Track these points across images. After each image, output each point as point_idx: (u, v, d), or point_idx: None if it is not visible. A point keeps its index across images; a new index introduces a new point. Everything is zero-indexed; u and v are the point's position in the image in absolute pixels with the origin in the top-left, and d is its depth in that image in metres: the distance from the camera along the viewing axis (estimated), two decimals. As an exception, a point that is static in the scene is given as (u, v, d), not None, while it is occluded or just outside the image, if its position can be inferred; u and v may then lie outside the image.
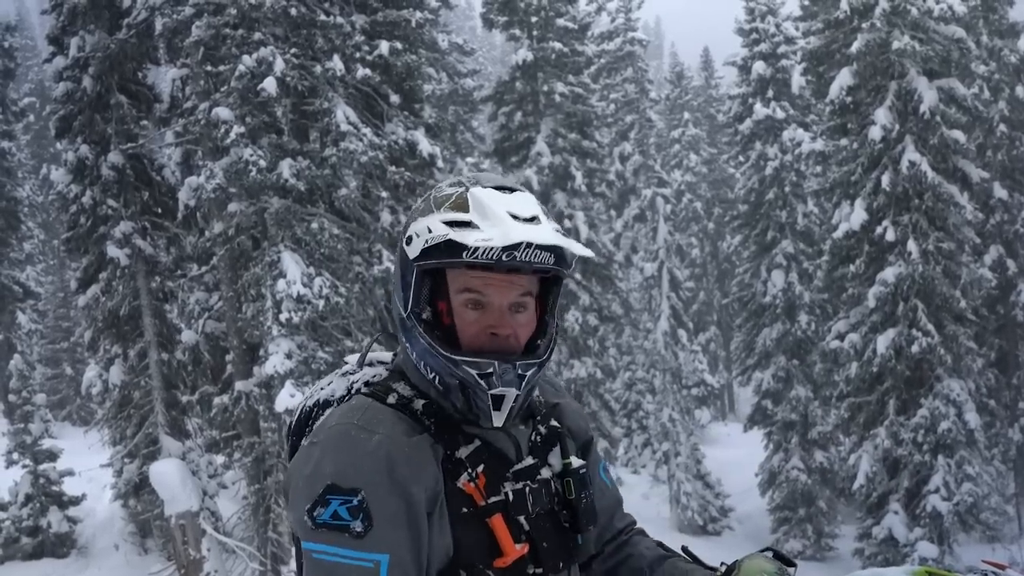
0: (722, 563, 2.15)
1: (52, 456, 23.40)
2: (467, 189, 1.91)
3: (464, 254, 1.80)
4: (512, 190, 1.93)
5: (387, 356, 2.14)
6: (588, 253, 1.95)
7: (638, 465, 34.78)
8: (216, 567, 16.99)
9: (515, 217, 1.84)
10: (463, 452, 1.89)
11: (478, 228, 1.81)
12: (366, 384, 2.02)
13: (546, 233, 1.84)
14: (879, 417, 21.72)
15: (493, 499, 1.88)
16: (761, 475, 29.55)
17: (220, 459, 19.98)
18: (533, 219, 1.87)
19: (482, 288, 1.88)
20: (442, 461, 1.87)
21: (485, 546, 1.86)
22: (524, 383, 1.89)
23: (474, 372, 1.85)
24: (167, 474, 16.66)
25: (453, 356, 1.86)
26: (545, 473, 2.01)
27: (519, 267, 1.85)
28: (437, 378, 1.90)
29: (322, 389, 2.11)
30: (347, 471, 1.78)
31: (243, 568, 17.53)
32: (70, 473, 23.61)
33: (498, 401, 1.87)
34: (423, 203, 1.95)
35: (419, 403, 1.93)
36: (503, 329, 1.89)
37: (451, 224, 1.83)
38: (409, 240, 1.89)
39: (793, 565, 2.11)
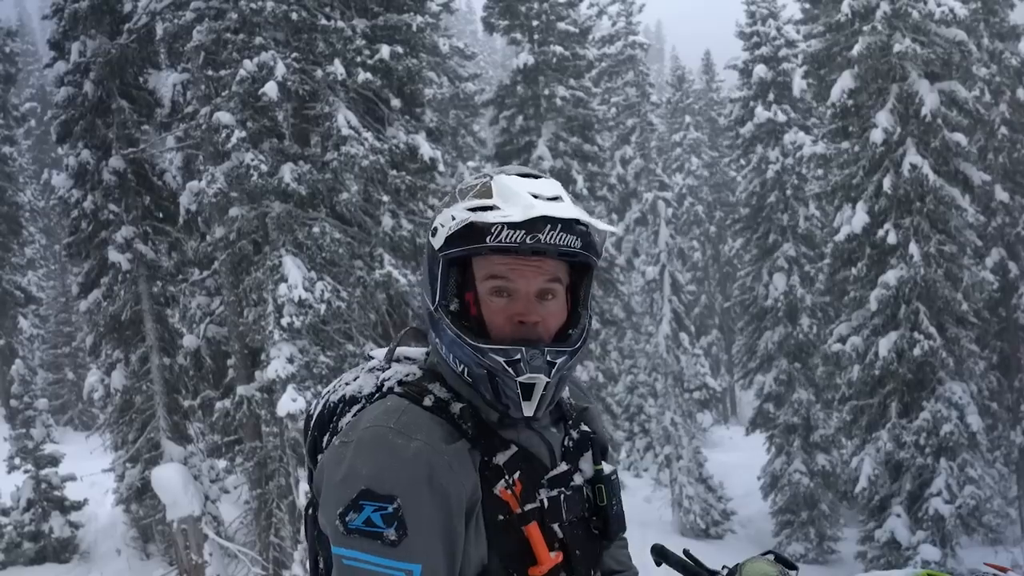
0: (724, 566, 2.15)
1: (54, 461, 23.40)
2: (491, 178, 1.89)
3: (487, 238, 1.79)
4: (536, 176, 1.92)
5: (416, 352, 2.08)
6: (612, 229, 1.94)
7: (640, 469, 34.74)
8: (218, 572, 16.98)
9: (536, 197, 1.82)
10: (500, 458, 1.85)
11: (499, 209, 1.80)
12: (399, 383, 1.94)
13: (567, 208, 1.82)
14: (881, 420, 21.71)
15: (529, 506, 1.85)
16: (763, 478, 29.53)
17: (222, 464, 19.99)
18: (555, 199, 1.85)
19: (507, 273, 1.85)
20: (479, 467, 1.83)
21: (520, 554, 1.82)
22: (554, 370, 1.85)
23: (501, 359, 1.81)
24: (169, 479, 16.65)
25: (479, 345, 1.82)
26: (577, 479, 1.98)
27: (544, 249, 1.82)
28: (466, 370, 1.85)
29: (347, 384, 2.04)
30: (383, 477, 1.73)
31: (245, 572, 17.51)
32: (72, 478, 23.60)
33: (527, 390, 1.83)
34: (448, 196, 1.94)
35: (456, 406, 1.88)
36: (530, 316, 1.85)
37: (474, 209, 1.81)
38: (434, 231, 1.87)
39: (795, 568, 2.11)
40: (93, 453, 22.84)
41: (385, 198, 16.92)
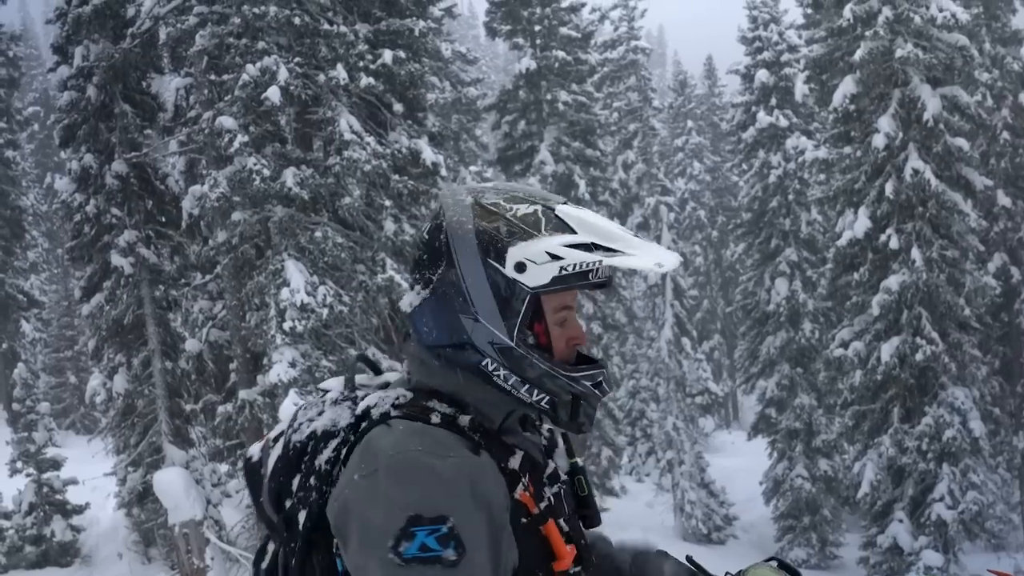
0: (727, 573, 2.15)
1: (56, 465, 23.38)
2: (549, 208, 1.86)
3: (590, 276, 1.81)
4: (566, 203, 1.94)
5: (373, 380, 2.04)
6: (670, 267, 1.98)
7: (642, 473, 34.77)
8: (220, 576, 16.97)
9: (634, 235, 1.87)
10: (513, 462, 1.85)
11: (622, 252, 1.81)
12: (394, 407, 1.86)
13: (676, 256, 1.88)
14: (883, 425, 21.70)
15: (542, 505, 1.86)
16: (765, 483, 29.52)
17: (224, 468, 19.97)
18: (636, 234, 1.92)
19: (572, 303, 1.91)
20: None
21: (542, 553, 1.83)
22: None
23: (589, 383, 1.87)
24: (171, 483, 16.62)
25: (574, 375, 1.86)
26: (563, 475, 2.00)
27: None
28: (546, 399, 1.85)
29: (312, 420, 1.92)
30: (430, 499, 1.67)
31: (247, 577, 17.51)
32: (74, 482, 23.58)
33: None
34: (502, 225, 1.84)
35: (464, 419, 1.84)
36: (584, 339, 1.94)
37: (580, 246, 1.80)
38: (521, 267, 1.80)
39: (798, 574, 2.11)
40: (95, 457, 22.82)
41: (387, 203, 16.92)
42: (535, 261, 1.79)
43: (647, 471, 34.47)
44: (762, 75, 30.14)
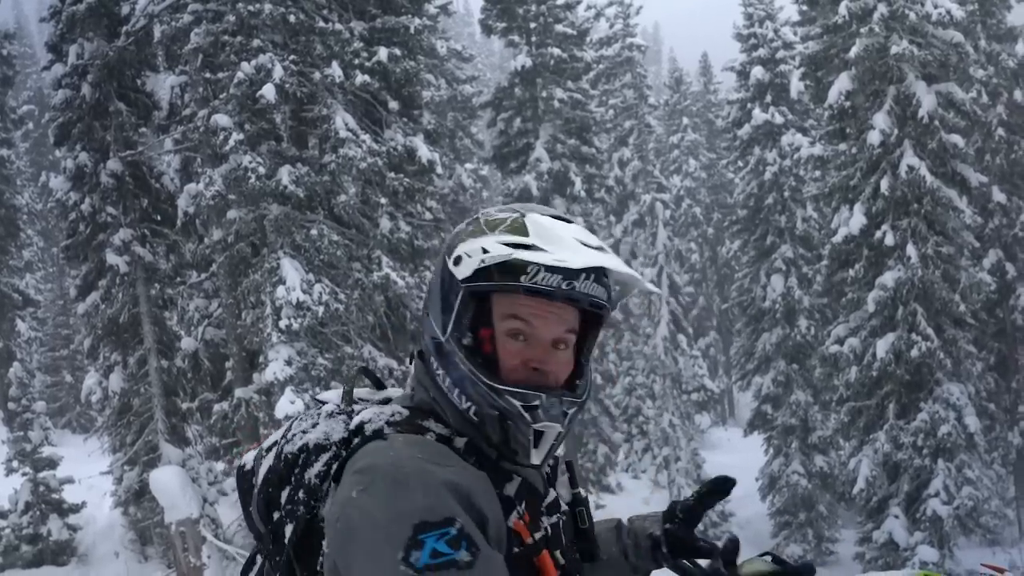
0: (721, 567, 2.14)
1: (52, 464, 23.38)
2: (523, 215, 1.80)
3: (523, 278, 1.70)
4: (569, 221, 1.84)
5: (393, 392, 1.99)
6: (656, 290, 1.91)
7: (638, 470, 34.74)
8: (216, 574, 16.97)
9: (584, 244, 1.76)
10: (510, 489, 1.77)
11: (545, 251, 1.72)
12: (388, 424, 1.80)
13: (620, 263, 1.77)
14: (879, 421, 21.73)
15: (537, 535, 1.77)
16: (761, 480, 29.55)
17: (220, 466, 19.99)
18: (600, 248, 1.79)
19: (530, 318, 1.76)
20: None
21: None
22: (567, 420, 1.78)
23: (518, 404, 1.73)
24: (167, 481, 16.63)
25: (496, 385, 1.73)
26: (563, 506, 1.92)
27: (577, 298, 1.74)
28: (472, 408, 1.76)
29: (305, 432, 1.87)
30: (435, 504, 1.58)
31: (243, 575, 17.48)
32: (70, 481, 23.59)
33: (538, 437, 1.75)
34: (471, 225, 1.83)
35: (460, 441, 1.78)
36: (546, 365, 1.77)
37: (513, 245, 1.72)
38: (458, 260, 1.76)
39: (793, 568, 2.11)
40: (91, 456, 22.84)
41: (383, 200, 16.93)
42: (469, 254, 1.74)
43: (643, 468, 34.44)
44: (757, 72, 30.15)
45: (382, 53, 17.16)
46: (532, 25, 27.77)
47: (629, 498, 32.12)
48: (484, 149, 31.65)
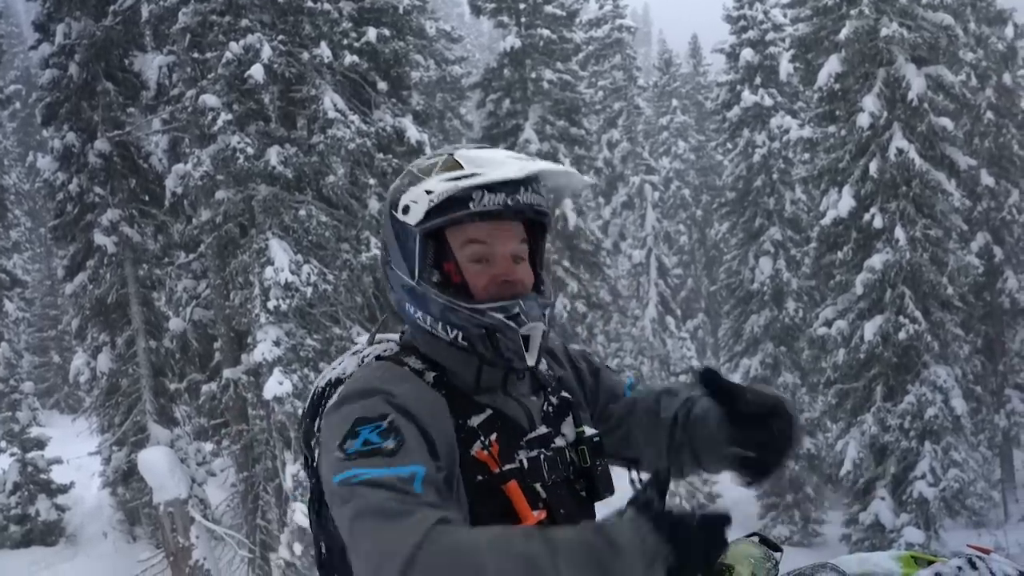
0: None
1: (40, 444, 23.37)
2: (451, 154, 1.95)
3: (471, 204, 1.85)
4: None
5: (393, 336, 2.15)
6: (592, 181, 1.98)
7: (626, 452, 34.80)
8: (205, 554, 17.00)
9: (514, 158, 1.92)
10: (475, 421, 1.90)
11: (481, 174, 1.86)
12: (377, 358, 2.02)
13: (553, 164, 1.93)
14: (866, 403, 21.81)
15: (508, 466, 1.89)
16: (749, 461, 29.62)
17: (209, 447, 19.98)
18: (531, 158, 1.93)
19: (486, 238, 1.91)
20: (455, 429, 1.87)
21: (502, 514, 1.84)
22: (547, 320, 1.95)
23: (501, 316, 1.87)
24: (155, 462, 16.64)
25: (477, 306, 1.88)
26: (559, 442, 2.02)
27: (522, 209, 1.90)
28: (460, 334, 1.91)
29: (334, 369, 2.10)
30: (374, 406, 1.79)
31: (232, 555, 17.54)
32: (58, 461, 23.59)
33: (527, 341, 1.90)
34: (406, 178, 1.98)
35: (430, 375, 1.93)
36: (513, 275, 1.92)
37: (453, 179, 1.87)
38: (406, 209, 1.92)
39: (779, 550, 2.13)
40: (79, 436, 22.82)
41: (372, 181, 16.90)
42: (416, 201, 1.90)
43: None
44: (747, 54, 30.12)
45: (371, 33, 17.10)
46: (521, 6, 27.66)
47: (617, 480, 32.13)
48: (473, 130, 31.56)
